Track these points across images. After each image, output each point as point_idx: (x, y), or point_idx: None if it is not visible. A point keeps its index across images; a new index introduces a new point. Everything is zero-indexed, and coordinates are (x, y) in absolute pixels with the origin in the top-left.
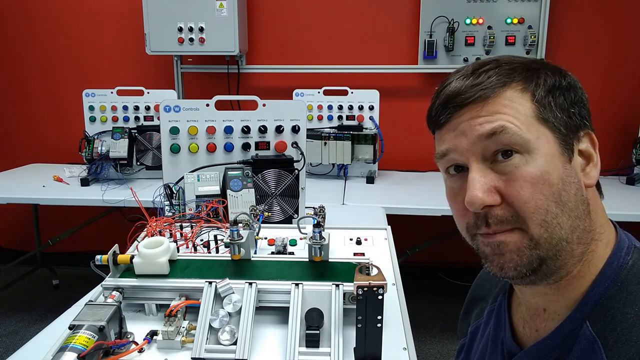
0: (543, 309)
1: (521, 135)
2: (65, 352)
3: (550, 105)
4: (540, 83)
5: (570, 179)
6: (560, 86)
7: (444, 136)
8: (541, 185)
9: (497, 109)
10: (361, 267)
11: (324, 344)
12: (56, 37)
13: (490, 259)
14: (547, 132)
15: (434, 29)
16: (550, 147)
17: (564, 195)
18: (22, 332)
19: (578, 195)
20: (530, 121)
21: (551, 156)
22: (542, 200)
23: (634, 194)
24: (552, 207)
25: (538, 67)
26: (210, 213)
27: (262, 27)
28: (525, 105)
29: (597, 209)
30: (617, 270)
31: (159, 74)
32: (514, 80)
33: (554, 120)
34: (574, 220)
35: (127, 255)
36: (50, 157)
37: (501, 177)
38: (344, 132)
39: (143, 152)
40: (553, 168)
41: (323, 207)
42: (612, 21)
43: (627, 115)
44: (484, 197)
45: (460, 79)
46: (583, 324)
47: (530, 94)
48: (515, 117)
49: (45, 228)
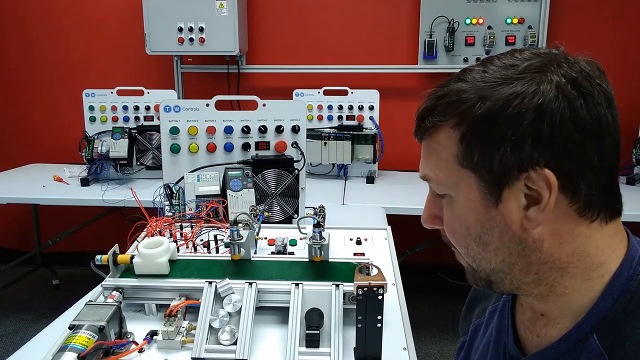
0: (541, 314)
1: (440, 183)
2: (65, 352)
3: (474, 149)
4: (471, 123)
5: (493, 222)
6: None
7: None
8: (458, 226)
9: (426, 154)
10: (361, 267)
11: (324, 344)
12: (56, 37)
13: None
14: (470, 175)
15: (434, 29)
16: (470, 192)
17: (484, 237)
18: (22, 332)
19: (505, 237)
20: (452, 166)
21: (470, 201)
22: (461, 239)
23: (634, 194)
24: (473, 246)
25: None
26: (210, 213)
27: (262, 27)
28: (451, 148)
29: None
30: (627, 281)
31: (159, 74)
32: (449, 117)
33: (476, 165)
34: (507, 257)
35: (127, 255)
36: (50, 157)
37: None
38: (344, 132)
39: (143, 152)
40: (470, 212)
41: (323, 207)
42: (612, 21)
43: (627, 115)
44: (428, 221)
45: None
46: (590, 337)
47: (460, 134)
48: (437, 165)
49: (45, 228)
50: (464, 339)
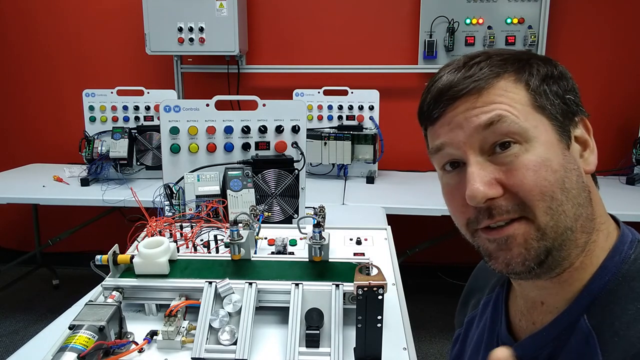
0: (541, 302)
1: (519, 123)
2: (65, 352)
3: (545, 93)
4: (534, 72)
5: (571, 165)
6: (552, 75)
7: (438, 130)
8: (544, 172)
9: (492, 99)
10: (361, 267)
11: (324, 344)
12: (56, 37)
13: (495, 255)
14: (544, 120)
15: (434, 29)
16: (548, 135)
17: (567, 182)
18: (22, 332)
19: (579, 182)
20: (527, 110)
21: (550, 144)
22: (547, 186)
23: (634, 194)
24: (558, 194)
25: (528, 58)
26: (210, 213)
27: (262, 27)
28: (520, 94)
29: (596, 198)
30: (619, 264)
31: (159, 74)
32: (507, 71)
33: (550, 108)
34: (578, 208)
35: (127, 255)
36: (50, 157)
37: (501, 168)
38: (344, 132)
39: (143, 152)
40: (553, 155)
41: (323, 207)
42: (612, 21)
43: (627, 115)
44: (486, 189)
45: (452, 72)
46: (580, 318)
47: (524, 83)
48: (512, 106)
49: (45, 228)
50: (459, 332)
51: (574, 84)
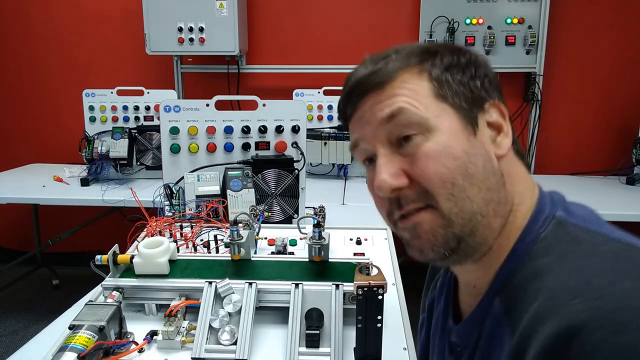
0: (473, 286)
1: (419, 114)
2: (65, 352)
3: (447, 82)
4: (437, 62)
5: (476, 150)
6: (458, 63)
7: (353, 127)
8: (444, 159)
9: (395, 92)
10: (361, 267)
11: (324, 344)
12: (56, 37)
13: (411, 243)
14: (448, 108)
15: (434, 29)
16: (451, 122)
17: (471, 168)
18: (22, 332)
19: (487, 166)
20: (429, 100)
21: (453, 131)
22: (447, 173)
23: (634, 194)
24: (459, 180)
25: (436, 49)
26: (210, 213)
27: (262, 27)
28: (422, 86)
29: (514, 179)
30: (529, 244)
31: (159, 74)
32: (409, 64)
33: (453, 96)
34: (486, 192)
35: (127, 255)
36: (50, 157)
37: (406, 159)
38: (344, 132)
39: (143, 152)
40: (455, 142)
41: (323, 207)
42: (612, 21)
43: (627, 115)
44: (391, 180)
45: (361, 69)
46: (493, 301)
47: (427, 73)
48: (413, 98)
49: (45, 228)
50: (423, 316)
51: (487, 70)
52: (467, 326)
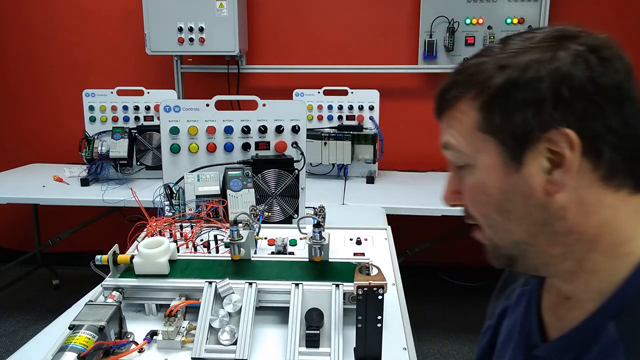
0: (568, 297)
1: (461, 150)
2: (65, 352)
3: (493, 113)
4: (491, 85)
5: (516, 189)
6: (514, 85)
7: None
8: (478, 195)
9: (449, 122)
10: (361, 267)
11: (324, 344)
12: (56, 37)
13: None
14: (490, 142)
15: (434, 29)
16: (491, 158)
17: (507, 205)
18: (22, 332)
19: (529, 203)
20: (472, 133)
21: (491, 168)
22: (482, 208)
23: None
24: (493, 215)
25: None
26: (210, 213)
27: (262, 27)
28: (471, 116)
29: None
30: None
31: (159, 74)
32: (470, 90)
33: (497, 130)
34: (530, 226)
35: (127, 255)
36: (50, 157)
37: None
38: (344, 132)
39: (143, 152)
40: (491, 179)
41: (323, 207)
42: (612, 21)
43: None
44: (448, 197)
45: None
46: (608, 323)
47: (479, 101)
48: (458, 131)
49: (45, 228)
50: (490, 323)
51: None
52: (563, 342)
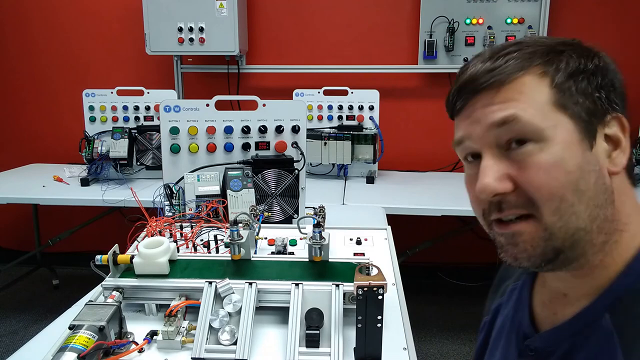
0: (564, 294)
1: (534, 123)
2: (65, 352)
3: (570, 90)
4: (562, 67)
5: (590, 166)
6: (584, 70)
7: (460, 123)
8: (556, 172)
9: (511, 95)
10: (361, 267)
11: (324, 344)
12: (56, 37)
13: (505, 248)
14: (565, 119)
15: (434, 29)
16: (568, 134)
17: (582, 184)
18: (22, 332)
19: (599, 183)
20: (547, 108)
21: (569, 144)
22: (557, 187)
23: None
24: (568, 195)
25: (563, 49)
26: (210, 213)
27: (262, 27)
28: (542, 91)
29: (624, 197)
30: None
31: (159, 74)
32: (533, 65)
33: (573, 107)
34: (593, 209)
35: (127, 255)
36: (50, 157)
37: (514, 164)
38: (344, 132)
39: (143, 152)
40: (570, 155)
41: (323, 207)
42: (612, 21)
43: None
44: (495, 184)
45: (478, 63)
46: (603, 316)
47: (549, 79)
48: (530, 105)
49: (45, 228)
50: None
51: (614, 78)
52: (558, 333)
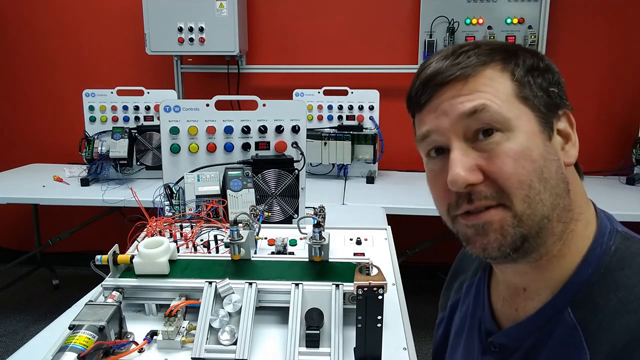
0: (523, 289)
1: (501, 113)
2: (65, 352)
3: (529, 84)
4: (520, 63)
5: (551, 156)
6: (538, 67)
7: (425, 117)
8: (523, 160)
9: (477, 87)
10: (361, 267)
11: (324, 344)
12: (56, 37)
13: (473, 240)
14: (527, 111)
15: (434, 29)
16: (530, 125)
17: (546, 172)
18: (22, 332)
19: (559, 173)
20: (511, 99)
21: (532, 134)
22: (525, 175)
23: (634, 194)
24: (535, 183)
25: (516, 49)
26: (210, 213)
27: (262, 27)
28: (505, 84)
29: (576, 189)
30: (600, 256)
31: (159, 74)
32: (494, 60)
33: (533, 99)
34: (555, 198)
35: (127, 255)
36: (50, 157)
37: (482, 155)
38: (344, 132)
39: (143, 152)
40: (534, 145)
41: (323, 207)
42: (612, 21)
43: (627, 115)
44: (467, 175)
45: (440, 60)
46: (564, 310)
47: (509, 73)
48: (496, 96)
49: (45, 228)
50: (443, 315)
51: (560, 78)
52: (522, 329)
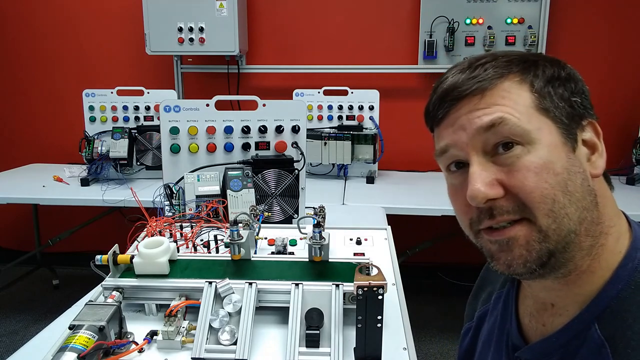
0: (551, 304)
1: (521, 126)
2: (65, 352)
3: (550, 95)
4: (539, 74)
5: (575, 168)
6: (559, 77)
7: (443, 132)
8: (545, 174)
9: (495, 100)
10: (361, 267)
11: (324, 344)
12: (56, 37)
13: (497, 256)
14: (549, 122)
15: (434, 29)
16: (552, 137)
17: (570, 185)
18: (22, 332)
19: (584, 185)
20: (530, 112)
21: (554, 146)
22: (548, 189)
23: (634, 194)
24: (559, 197)
25: (536, 59)
26: (210, 213)
27: (262, 27)
28: (523, 96)
29: (605, 201)
30: (631, 271)
31: (159, 74)
32: (512, 72)
33: (554, 110)
34: (582, 212)
35: (127, 255)
36: (50, 157)
37: (503, 169)
38: (344, 132)
39: (143, 152)
40: (556, 157)
41: (323, 207)
42: (612, 21)
43: (627, 115)
44: (486, 190)
45: (457, 74)
46: (591, 326)
47: (528, 84)
48: (514, 108)
49: (45, 228)
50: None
51: (583, 86)
52: (548, 345)
